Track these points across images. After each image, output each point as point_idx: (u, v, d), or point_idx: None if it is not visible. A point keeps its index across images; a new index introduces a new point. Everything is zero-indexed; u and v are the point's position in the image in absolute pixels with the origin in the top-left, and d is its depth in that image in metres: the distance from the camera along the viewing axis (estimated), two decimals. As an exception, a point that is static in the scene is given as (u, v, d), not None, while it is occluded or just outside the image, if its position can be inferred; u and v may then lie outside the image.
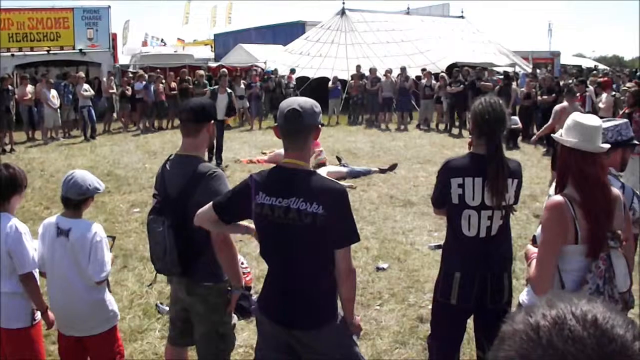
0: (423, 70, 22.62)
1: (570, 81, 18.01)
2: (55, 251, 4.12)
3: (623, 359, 0.88)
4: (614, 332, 0.90)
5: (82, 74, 20.48)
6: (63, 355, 4.41)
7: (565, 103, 11.18)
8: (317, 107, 3.20)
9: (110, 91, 20.84)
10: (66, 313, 4.19)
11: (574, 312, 0.94)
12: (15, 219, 4.10)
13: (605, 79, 23.22)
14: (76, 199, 4.11)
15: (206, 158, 3.97)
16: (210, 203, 3.29)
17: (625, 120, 4.17)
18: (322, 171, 11.56)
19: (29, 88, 18.51)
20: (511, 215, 4.32)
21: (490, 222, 3.84)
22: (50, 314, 4.21)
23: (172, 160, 3.97)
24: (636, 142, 4.16)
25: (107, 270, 4.13)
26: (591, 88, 17.64)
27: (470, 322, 4.23)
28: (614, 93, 16.49)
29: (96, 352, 4.32)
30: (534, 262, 3.30)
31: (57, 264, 4.12)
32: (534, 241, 3.57)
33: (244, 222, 3.60)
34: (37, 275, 4.15)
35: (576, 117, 3.26)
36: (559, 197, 3.20)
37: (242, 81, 22.16)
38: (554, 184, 4.03)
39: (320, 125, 3.23)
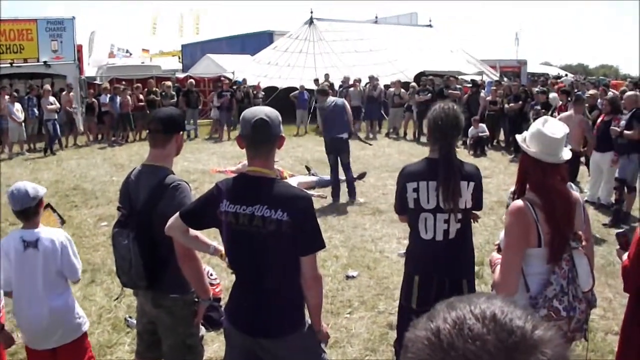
0: (396, 81, 22.63)
1: (537, 89, 18.17)
2: (25, 265, 4.10)
3: (525, 349, 0.88)
4: (512, 325, 0.91)
5: (48, 86, 20.18)
6: None
7: (571, 111, 11.22)
8: (280, 117, 3.22)
9: (71, 108, 20.48)
10: (38, 327, 4.17)
11: (473, 311, 0.94)
12: None
13: (561, 84, 23.56)
14: (33, 205, 4.13)
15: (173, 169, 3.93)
16: (178, 212, 3.28)
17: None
18: (293, 181, 11.56)
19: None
20: (476, 221, 4.37)
21: (447, 226, 3.90)
22: (7, 332, 4.14)
23: (137, 171, 3.95)
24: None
25: (79, 270, 4.29)
26: (556, 95, 17.87)
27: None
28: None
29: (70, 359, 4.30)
30: (498, 268, 3.33)
31: (28, 278, 4.11)
32: (499, 249, 3.61)
33: (214, 243, 3.60)
34: (1, 292, 4.10)
35: (540, 126, 3.29)
36: (520, 202, 3.25)
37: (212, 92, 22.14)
38: (511, 188, 4.10)
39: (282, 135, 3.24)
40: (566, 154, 3.29)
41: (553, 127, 3.29)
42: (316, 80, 23.57)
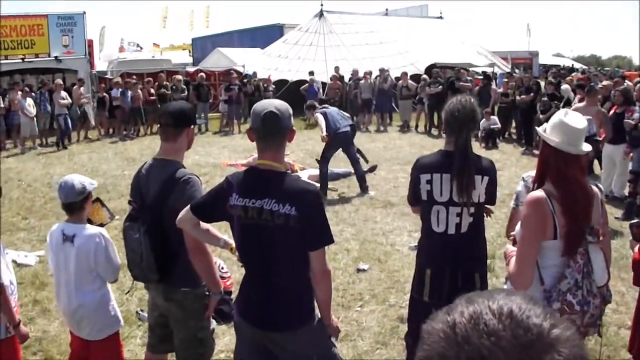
0: (403, 73, 22.57)
1: (544, 80, 18.05)
2: (61, 257, 4.18)
3: (541, 347, 0.87)
4: (529, 322, 0.90)
5: (59, 81, 20.24)
6: (74, 352, 4.50)
7: (584, 102, 11.13)
8: (290, 110, 3.21)
9: (83, 101, 20.60)
10: (73, 316, 4.25)
11: (491, 306, 0.94)
12: None
13: (581, 76, 23.38)
14: (78, 200, 4.15)
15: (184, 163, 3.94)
16: (188, 206, 3.28)
17: (589, 117, 4.21)
18: (303, 174, 11.57)
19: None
20: (489, 216, 4.35)
21: (459, 219, 3.87)
22: (23, 328, 4.18)
23: (148, 165, 3.95)
24: (598, 138, 4.23)
25: (117, 270, 4.31)
26: (568, 87, 17.76)
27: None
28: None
29: (100, 356, 4.33)
30: (513, 259, 3.31)
31: (63, 270, 4.18)
32: (514, 242, 3.60)
33: (224, 237, 3.60)
34: (13, 288, 4.11)
35: (562, 117, 3.27)
36: (538, 193, 3.22)
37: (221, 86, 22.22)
38: (521, 182, 4.07)
39: (293, 128, 3.23)
40: (586, 147, 3.26)
41: (575, 118, 3.27)
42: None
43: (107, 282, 4.36)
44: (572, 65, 45.28)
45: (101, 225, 4.51)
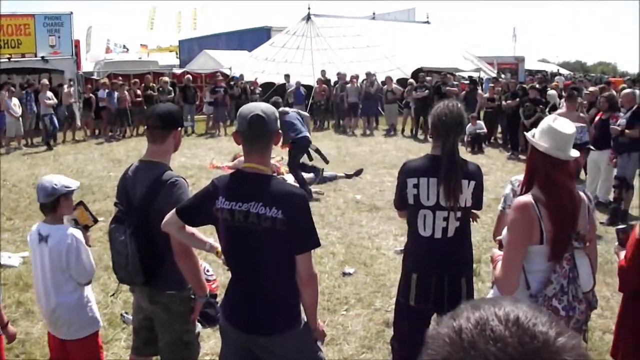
0: (387, 77, 22.62)
1: (527, 85, 18.12)
2: (37, 257, 4.19)
3: (547, 355, 0.88)
4: (536, 330, 0.90)
5: (45, 81, 20.17)
6: (52, 353, 4.49)
7: (564, 109, 11.19)
8: (277, 113, 3.21)
9: (71, 100, 20.54)
10: (50, 317, 4.25)
11: (497, 313, 0.94)
12: None
13: (568, 82, 23.50)
14: (47, 202, 4.15)
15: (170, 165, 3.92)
16: (174, 209, 3.27)
17: (582, 124, 4.23)
18: (289, 177, 11.56)
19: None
20: (475, 221, 4.36)
21: (446, 224, 3.88)
22: (11, 328, 4.19)
23: (135, 167, 3.93)
24: (591, 146, 4.25)
25: (89, 274, 4.25)
26: (554, 92, 17.85)
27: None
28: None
29: (77, 356, 4.32)
30: (499, 264, 3.32)
31: (40, 270, 4.19)
32: (500, 245, 3.61)
33: (210, 240, 3.59)
34: None
35: (551, 122, 3.29)
36: (526, 197, 3.24)
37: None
38: (509, 185, 4.09)
39: (279, 131, 3.23)
40: (574, 152, 3.28)
41: (564, 123, 3.28)
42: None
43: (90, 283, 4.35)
44: (558, 70, 45.50)
45: (86, 227, 4.50)
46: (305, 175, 12.86)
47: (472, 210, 4.13)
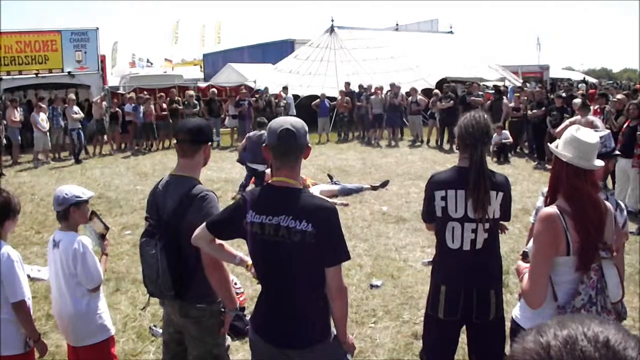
0: (412, 88, 22.58)
1: (553, 95, 17.98)
2: (51, 262, 4.37)
3: None
4: (625, 354, 0.90)
5: (72, 96, 20.41)
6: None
7: (578, 116, 11.12)
8: (306, 127, 3.22)
9: (102, 114, 20.75)
10: (61, 321, 4.39)
11: (586, 332, 0.94)
12: (8, 247, 4.11)
13: (592, 90, 23.26)
14: (59, 210, 4.35)
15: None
16: (204, 223, 3.29)
17: (608, 131, 4.20)
18: (315, 189, 11.59)
19: (16, 111, 18.54)
20: (504, 232, 4.33)
21: (474, 235, 3.86)
22: (43, 342, 4.24)
23: (165, 181, 3.96)
24: (618, 152, 4.21)
25: (96, 280, 4.33)
26: (580, 101, 17.69)
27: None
28: (604, 106, 16.48)
29: None
30: (526, 276, 3.29)
31: (54, 274, 4.36)
32: (523, 257, 3.58)
33: (240, 254, 3.60)
34: (29, 303, 4.16)
35: (574, 132, 3.27)
36: (551, 209, 3.21)
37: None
38: (540, 197, 4.05)
39: (309, 145, 3.24)
40: (599, 162, 3.26)
41: (587, 133, 3.26)
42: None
43: (98, 291, 4.44)
44: (584, 78, 45.12)
45: (102, 236, 4.72)
46: (330, 187, 12.90)
47: (501, 222, 4.10)
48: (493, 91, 21.43)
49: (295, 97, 25.39)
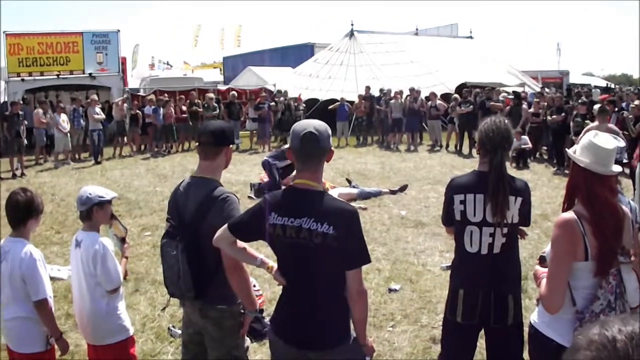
0: (431, 93, 22.53)
1: (575, 102, 17.87)
2: (73, 261, 4.42)
3: None
4: None
5: (95, 96, 20.57)
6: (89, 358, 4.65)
7: (596, 122, 11.07)
8: (329, 130, 3.23)
9: (123, 115, 20.97)
10: (81, 320, 4.46)
11: None
12: (31, 245, 4.17)
13: (604, 96, 23.04)
14: (82, 210, 4.39)
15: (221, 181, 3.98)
16: (226, 224, 3.31)
17: (624, 144, 4.19)
18: (334, 192, 11.57)
19: (41, 112, 18.77)
20: (524, 238, 4.32)
21: (492, 240, 3.86)
22: (65, 340, 4.28)
23: (186, 183, 3.98)
24: (626, 160, 4.21)
25: (115, 282, 4.35)
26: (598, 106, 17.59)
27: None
28: (622, 112, 16.37)
29: None
30: (544, 281, 3.29)
31: (75, 274, 4.42)
32: (541, 261, 3.58)
33: (261, 256, 3.61)
34: (51, 302, 4.20)
35: (592, 138, 3.26)
36: (568, 214, 3.21)
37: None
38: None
39: (331, 149, 3.25)
40: (616, 167, 3.25)
41: (604, 139, 3.26)
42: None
43: (118, 292, 4.47)
44: (607, 84, 44.81)
45: (123, 240, 4.77)
46: (349, 190, 12.90)
47: (520, 227, 4.09)
48: (512, 96, 21.36)
49: (315, 100, 25.41)
